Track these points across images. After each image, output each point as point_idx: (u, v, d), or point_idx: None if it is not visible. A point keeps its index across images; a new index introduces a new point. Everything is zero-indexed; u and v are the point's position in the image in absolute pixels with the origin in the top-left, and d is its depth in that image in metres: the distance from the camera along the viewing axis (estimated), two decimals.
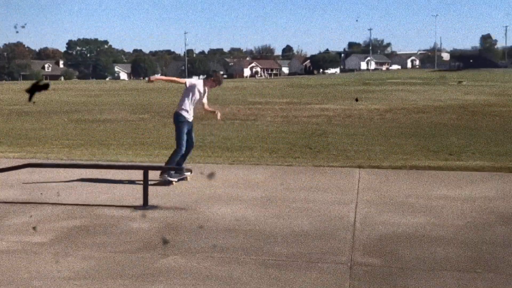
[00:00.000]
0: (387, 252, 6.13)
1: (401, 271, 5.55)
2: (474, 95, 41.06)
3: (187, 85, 9.75)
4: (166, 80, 11.27)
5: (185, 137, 9.69)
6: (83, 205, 8.14)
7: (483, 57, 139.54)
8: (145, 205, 7.86)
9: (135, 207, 7.90)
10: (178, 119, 9.75)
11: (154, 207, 7.87)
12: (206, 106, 10.10)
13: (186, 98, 9.69)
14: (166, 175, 9.39)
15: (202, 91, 9.76)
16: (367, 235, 6.74)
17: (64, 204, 8.17)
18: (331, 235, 6.70)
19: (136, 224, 7.19)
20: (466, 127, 19.83)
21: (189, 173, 9.91)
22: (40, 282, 5.21)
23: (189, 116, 9.74)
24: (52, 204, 8.18)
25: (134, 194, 8.26)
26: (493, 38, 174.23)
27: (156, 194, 8.37)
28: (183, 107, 9.69)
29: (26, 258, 5.91)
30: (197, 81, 10.04)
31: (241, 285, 5.11)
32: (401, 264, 5.76)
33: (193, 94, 9.69)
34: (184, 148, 9.68)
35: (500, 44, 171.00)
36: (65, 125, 21.59)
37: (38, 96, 2.95)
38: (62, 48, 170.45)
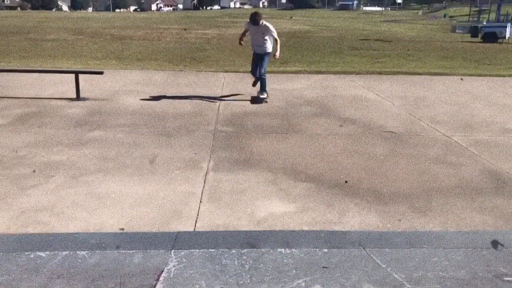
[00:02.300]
0: (237, 123, 6.21)
1: (245, 134, 5.68)
2: (299, 26, 41.33)
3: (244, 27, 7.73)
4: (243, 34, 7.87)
5: (255, 63, 7.68)
6: (34, 98, 7.41)
7: (306, 1, 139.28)
8: (78, 98, 7.34)
9: (71, 99, 7.35)
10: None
11: (84, 99, 7.34)
12: (275, 38, 7.41)
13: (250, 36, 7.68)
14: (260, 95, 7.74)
15: (251, 28, 7.43)
16: (226, 113, 6.78)
17: (19, 98, 7.41)
18: (204, 114, 6.67)
19: (71, 110, 6.70)
20: (292, 46, 20.06)
21: (262, 96, 7.72)
22: (3, 150, 4.79)
23: (254, 48, 7.64)
24: (10, 97, 7.41)
25: (70, 90, 7.64)
26: None
27: (85, 90, 7.79)
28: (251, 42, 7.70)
29: None
30: (247, 23, 7.51)
31: (142, 147, 5.02)
32: (245, 130, 5.88)
33: (250, 33, 7.57)
34: (252, 71, 7.78)
35: None
36: (21, 42, 19.14)
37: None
38: None
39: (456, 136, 5.79)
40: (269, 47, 7.47)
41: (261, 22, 7.27)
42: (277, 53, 7.36)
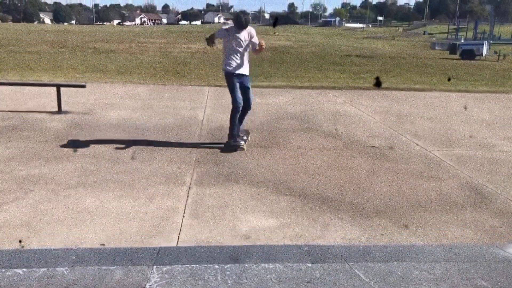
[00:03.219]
0: (220, 136, 6.12)
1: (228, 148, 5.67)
2: (282, 41, 41.78)
3: (216, 35, 5.37)
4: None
5: (236, 92, 5.40)
6: (13, 111, 7.28)
7: (289, 17, 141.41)
8: (59, 111, 7.24)
9: (52, 112, 7.25)
10: (224, 72, 5.44)
11: (65, 112, 7.25)
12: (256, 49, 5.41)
13: (223, 48, 5.42)
14: (231, 140, 5.58)
15: (228, 37, 5.30)
16: (209, 127, 6.78)
17: None
18: (187, 128, 6.66)
19: (52, 123, 6.61)
20: (276, 61, 20.22)
21: (243, 142, 5.60)
22: None
23: (230, 67, 5.32)
24: None
25: (51, 103, 7.53)
26: (295, 5, 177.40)
27: (67, 103, 7.69)
28: (223, 58, 5.40)
29: None
30: (223, 30, 5.42)
31: (124, 161, 4.96)
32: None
33: (226, 44, 5.34)
34: (237, 104, 5.46)
35: (299, 9, 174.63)
36: (0, 54, 18.82)
37: None
38: None
39: (436, 151, 5.91)
40: (247, 66, 5.44)
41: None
42: (263, 41, 5.34)
